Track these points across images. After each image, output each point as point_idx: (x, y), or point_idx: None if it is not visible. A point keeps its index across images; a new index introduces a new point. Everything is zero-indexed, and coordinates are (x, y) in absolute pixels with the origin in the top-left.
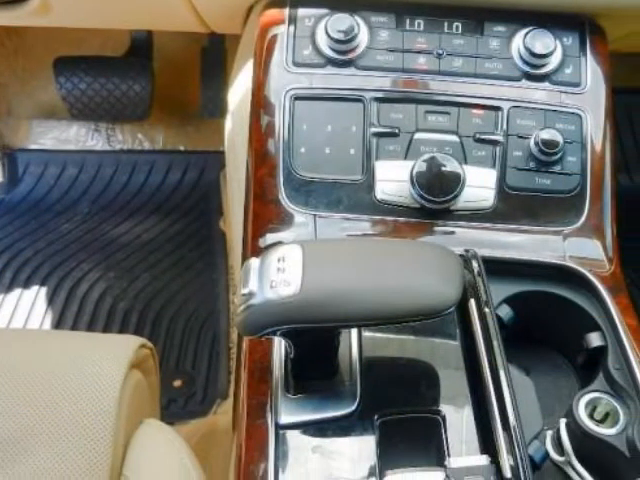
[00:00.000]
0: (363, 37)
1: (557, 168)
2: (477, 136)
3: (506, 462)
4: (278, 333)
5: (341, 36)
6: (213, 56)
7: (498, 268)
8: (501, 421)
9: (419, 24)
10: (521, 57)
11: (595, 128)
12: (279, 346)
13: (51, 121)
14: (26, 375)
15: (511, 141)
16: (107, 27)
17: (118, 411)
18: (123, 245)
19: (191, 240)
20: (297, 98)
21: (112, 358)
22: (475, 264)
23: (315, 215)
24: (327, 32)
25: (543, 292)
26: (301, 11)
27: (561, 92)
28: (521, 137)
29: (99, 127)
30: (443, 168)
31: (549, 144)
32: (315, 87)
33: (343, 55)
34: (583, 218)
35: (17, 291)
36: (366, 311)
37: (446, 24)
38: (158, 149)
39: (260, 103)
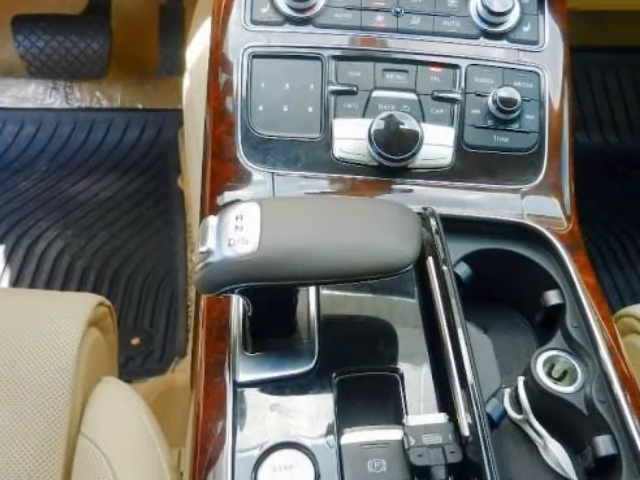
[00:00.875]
0: None
1: (515, 126)
2: (435, 94)
3: (464, 420)
4: (236, 291)
5: None
6: (171, 14)
7: (456, 226)
8: (459, 379)
9: None
10: (479, 15)
11: (553, 86)
12: (237, 304)
13: (9, 79)
14: None
15: (469, 99)
16: None
17: (76, 369)
18: (81, 203)
19: (149, 198)
20: (255, 56)
21: (70, 316)
22: (433, 222)
23: (273, 173)
24: None
25: (501, 250)
26: None
27: (519, 50)
28: (479, 95)
29: (57, 85)
30: (401, 126)
31: (507, 102)
32: (273, 45)
33: (301, 13)
34: (541, 176)
35: None
36: (324, 269)
37: None
38: (116, 107)
39: (218, 61)
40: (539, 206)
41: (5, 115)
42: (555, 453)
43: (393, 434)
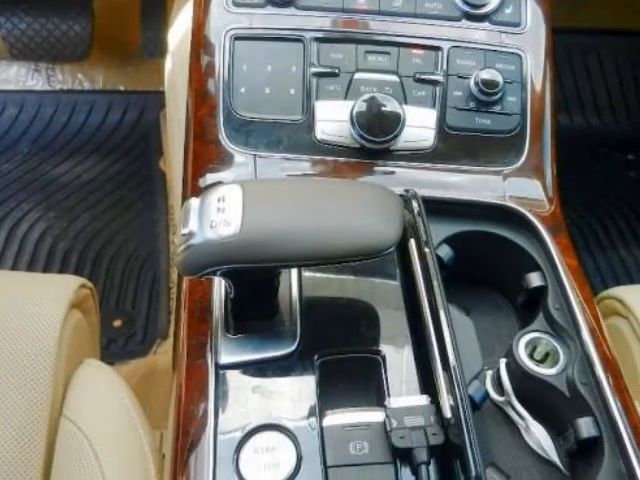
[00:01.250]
0: None
1: (497, 108)
2: (417, 76)
3: (446, 402)
4: (218, 273)
5: None
6: None
7: (438, 208)
8: (441, 361)
9: None
10: None
11: (535, 68)
12: (219, 286)
13: None
14: None
15: (451, 81)
16: None
17: (58, 351)
18: (63, 185)
19: (131, 180)
20: (237, 38)
21: (52, 298)
22: (415, 204)
23: (255, 155)
24: None
25: (483, 232)
26: None
27: (501, 32)
28: (461, 77)
29: (39, 67)
30: (383, 108)
31: (489, 84)
32: (255, 27)
33: None
34: (523, 158)
35: None
36: (306, 251)
37: None
38: (98, 89)
39: (200, 43)
40: (521, 188)
41: None
42: (537, 435)
43: (375, 416)
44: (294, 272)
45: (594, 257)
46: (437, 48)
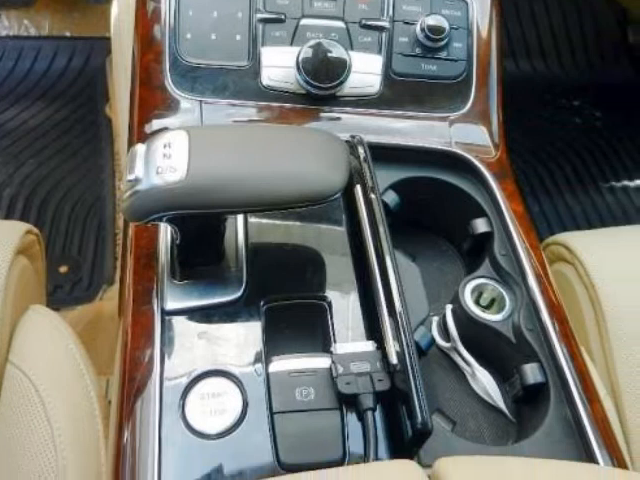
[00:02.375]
0: None
1: (443, 54)
2: (363, 22)
3: (392, 348)
4: (164, 219)
5: None
6: None
7: (384, 154)
8: (387, 307)
9: None
10: None
11: (481, 14)
12: (165, 232)
13: None
14: None
15: (397, 27)
16: None
17: (4, 297)
18: (9, 131)
19: (77, 126)
20: None
21: None
22: (361, 150)
23: (201, 101)
24: None
25: (429, 178)
26: None
27: None
28: (407, 23)
29: None
30: (329, 54)
31: (435, 30)
32: None
33: None
34: (469, 104)
35: None
36: (252, 197)
37: None
38: (44, 35)
39: None
40: (467, 134)
41: None
42: (483, 381)
43: (321, 362)
44: (240, 218)
45: (540, 203)
46: None
